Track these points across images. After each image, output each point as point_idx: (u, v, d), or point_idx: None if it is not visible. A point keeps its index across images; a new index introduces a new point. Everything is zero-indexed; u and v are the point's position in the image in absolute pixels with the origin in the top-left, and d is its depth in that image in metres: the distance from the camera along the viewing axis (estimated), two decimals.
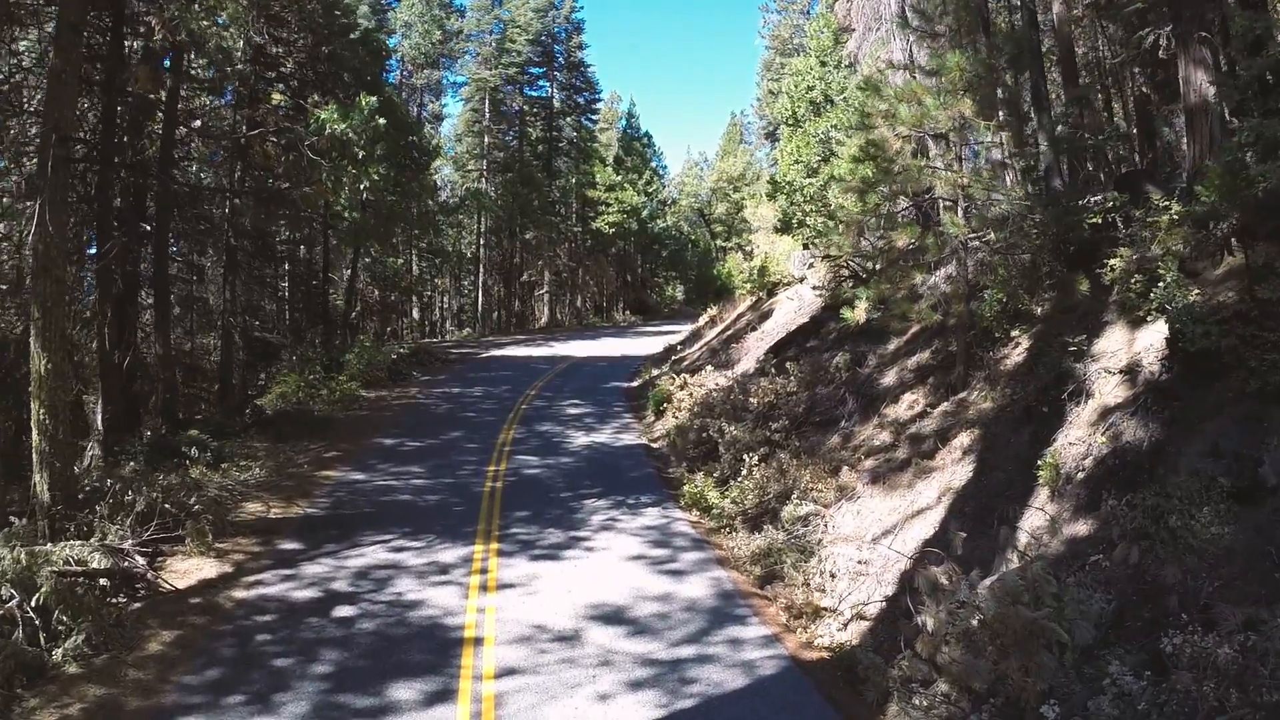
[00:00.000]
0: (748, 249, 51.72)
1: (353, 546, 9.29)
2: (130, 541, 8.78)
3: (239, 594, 8.08)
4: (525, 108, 51.09)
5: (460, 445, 14.77)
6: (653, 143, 66.33)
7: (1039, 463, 8.58)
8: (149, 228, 15.94)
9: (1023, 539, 7.75)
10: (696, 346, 24.61)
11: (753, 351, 18.29)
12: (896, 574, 8.40)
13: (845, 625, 8.10)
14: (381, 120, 10.22)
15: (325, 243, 22.34)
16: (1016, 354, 10.93)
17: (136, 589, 8.34)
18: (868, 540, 9.14)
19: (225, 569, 8.81)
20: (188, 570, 8.80)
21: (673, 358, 25.00)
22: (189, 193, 17.76)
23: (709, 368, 17.85)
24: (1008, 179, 12.70)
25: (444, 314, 50.85)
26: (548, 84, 52.45)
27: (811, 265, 22.56)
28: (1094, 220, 10.81)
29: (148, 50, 15.26)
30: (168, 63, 15.08)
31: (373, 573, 8.52)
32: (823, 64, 33.10)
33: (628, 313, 54.89)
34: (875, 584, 8.49)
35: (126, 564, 8.40)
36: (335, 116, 9.49)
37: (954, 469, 9.65)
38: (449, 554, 9.09)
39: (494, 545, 9.39)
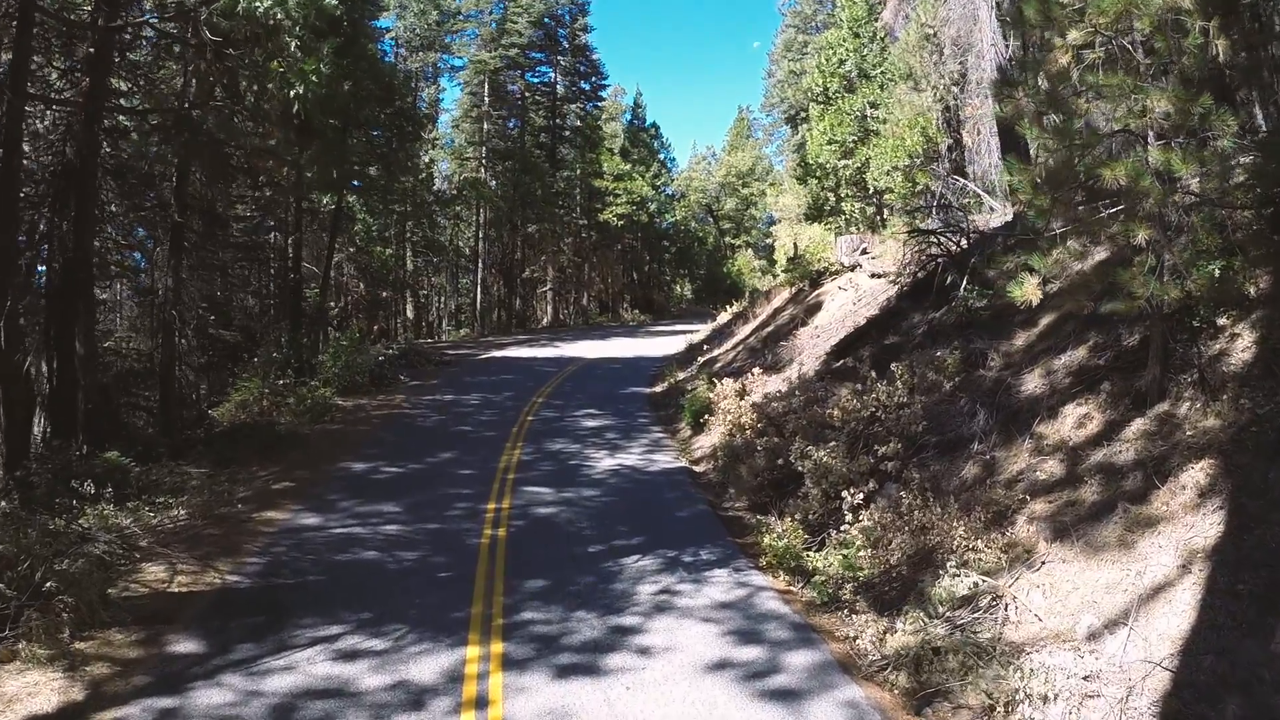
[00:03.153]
0: (767, 241, 48.52)
1: (279, 650, 5.99)
2: None
3: None
4: (527, 95, 47.87)
5: (451, 472, 11.50)
6: (660, 134, 63.14)
7: None
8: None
9: None
10: (727, 346, 21.36)
11: (808, 350, 15.05)
12: (1155, 698, 5.18)
13: None
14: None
15: (299, 224, 19.07)
16: (1239, 349, 7.71)
17: None
18: (1082, 636, 5.88)
19: (73, 694, 5.54)
20: (15, 696, 5.53)
21: (699, 359, 21.76)
22: (126, 158, 14.53)
23: (756, 370, 14.60)
24: None
25: (440, 313, 47.52)
26: (550, 69, 49.23)
27: (865, 251, 19.36)
28: None
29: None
30: None
31: (303, 707, 5.24)
32: (856, 35, 29.99)
33: (636, 311, 51.59)
34: (1117, 714, 5.24)
35: None
36: None
37: (1190, 520, 6.39)
38: (427, 664, 5.80)
39: (496, 646, 6.10)
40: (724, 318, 30.55)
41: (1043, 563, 6.77)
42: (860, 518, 8.26)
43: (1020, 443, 8.44)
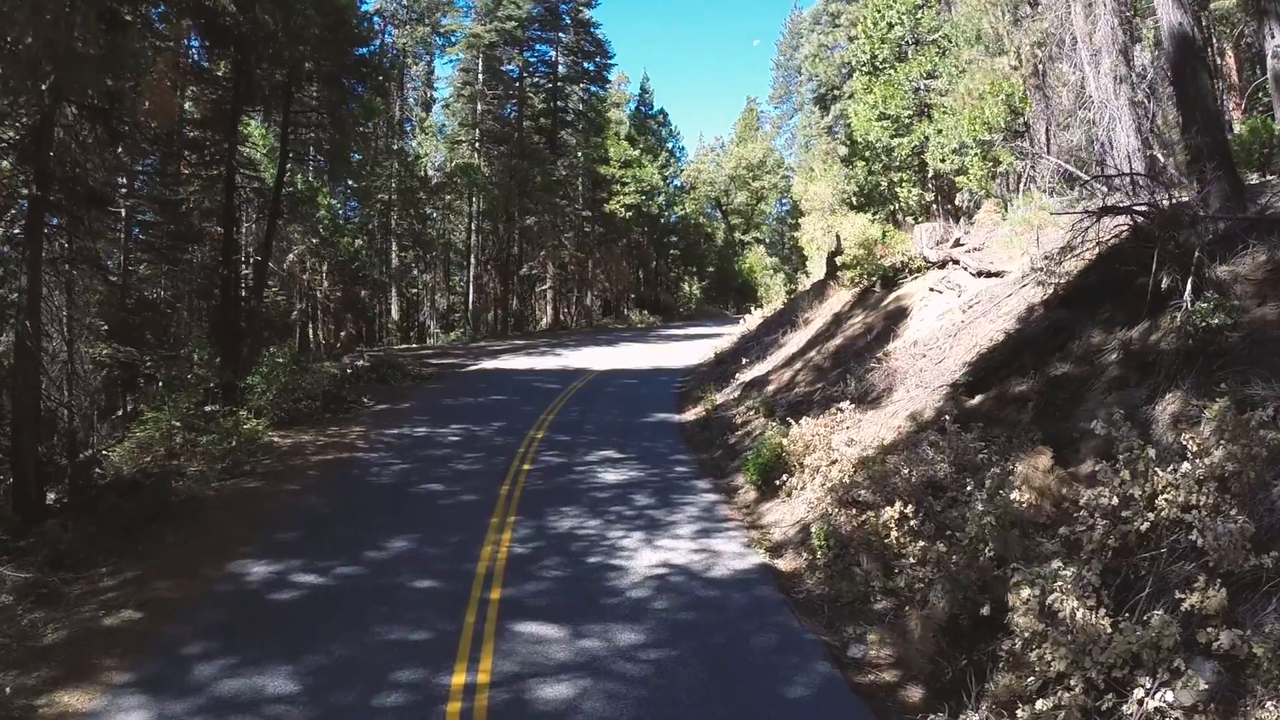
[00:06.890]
0: (793, 234, 44.27)
1: None
2: None
3: None
4: (525, 74, 43.61)
5: (401, 585, 7.29)
6: (668, 121, 58.93)
7: None
8: None
9: None
10: (776, 360, 17.20)
11: (913, 376, 10.91)
12: None
13: None
14: None
15: (230, 202, 14.78)
16: None
17: None
18: None
19: None
20: None
21: (738, 376, 17.62)
22: None
23: (846, 404, 10.47)
24: None
25: (431, 312, 43.21)
26: (551, 48, 44.95)
27: (957, 242, 15.22)
28: None
29: None
30: None
31: None
32: None
33: (644, 313, 47.37)
34: None
35: None
36: None
37: None
38: None
39: None
40: (754, 321, 26.43)
41: None
42: None
43: None
